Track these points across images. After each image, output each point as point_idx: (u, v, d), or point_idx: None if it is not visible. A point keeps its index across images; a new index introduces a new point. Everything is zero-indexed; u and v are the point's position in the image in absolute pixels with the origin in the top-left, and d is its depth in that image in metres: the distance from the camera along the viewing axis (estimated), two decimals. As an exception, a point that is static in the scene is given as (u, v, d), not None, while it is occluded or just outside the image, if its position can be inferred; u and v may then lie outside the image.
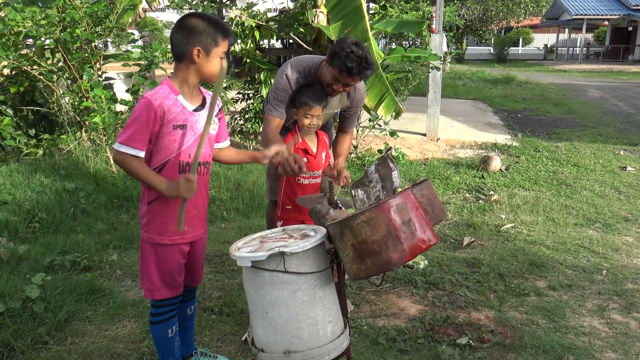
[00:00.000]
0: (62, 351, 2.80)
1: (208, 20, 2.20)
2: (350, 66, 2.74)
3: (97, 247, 4.14)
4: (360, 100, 3.22)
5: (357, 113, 3.32)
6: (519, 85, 17.50)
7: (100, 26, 6.04)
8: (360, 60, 2.74)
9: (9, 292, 3.07)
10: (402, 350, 2.93)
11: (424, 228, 1.96)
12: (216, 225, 4.84)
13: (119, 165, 2.21)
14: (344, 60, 2.74)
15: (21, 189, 5.02)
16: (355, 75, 2.80)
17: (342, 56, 2.74)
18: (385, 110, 6.00)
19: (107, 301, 3.36)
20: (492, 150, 8.17)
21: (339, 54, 2.75)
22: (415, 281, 3.73)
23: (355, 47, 2.75)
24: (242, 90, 7.74)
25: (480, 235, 4.71)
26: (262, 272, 2.05)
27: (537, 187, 6.24)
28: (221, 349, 2.92)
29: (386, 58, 6.66)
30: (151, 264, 2.35)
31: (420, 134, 8.90)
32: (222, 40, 2.21)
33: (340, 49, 2.75)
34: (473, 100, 13.93)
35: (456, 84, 17.39)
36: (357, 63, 2.74)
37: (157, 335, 2.45)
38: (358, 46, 2.77)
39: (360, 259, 1.95)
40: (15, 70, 6.36)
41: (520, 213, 5.28)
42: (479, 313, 3.36)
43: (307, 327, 2.07)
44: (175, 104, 2.23)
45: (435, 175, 6.60)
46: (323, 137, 3.15)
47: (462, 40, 29.00)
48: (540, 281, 3.84)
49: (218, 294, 3.51)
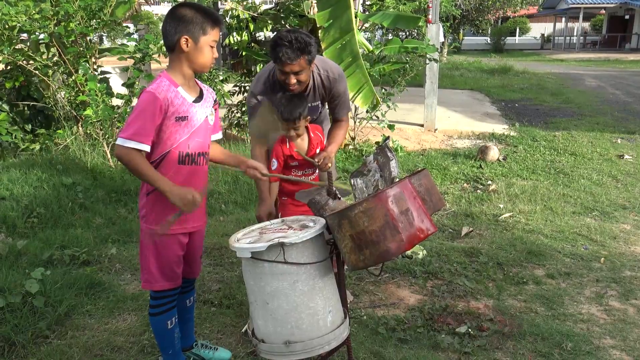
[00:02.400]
0: (62, 345, 2.81)
1: (196, 9, 2.20)
2: (281, 53, 2.64)
3: (96, 241, 4.14)
4: (339, 90, 3.09)
5: (345, 102, 3.18)
6: (516, 75, 17.47)
7: (94, 19, 6.01)
8: (290, 43, 2.63)
9: (9, 287, 3.07)
10: (402, 339, 2.94)
11: (422, 217, 1.97)
12: (215, 218, 4.84)
13: (123, 161, 2.17)
14: (275, 50, 2.67)
15: (19, 184, 5.01)
16: (291, 60, 2.67)
17: (272, 47, 2.68)
18: (363, 101, 5.96)
19: (107, 295, 3.36)
20: (489, 140, 8.17)
21: (272, 48, 2.69)
22: (414, 271, 3.74)
23: (286, 32, 2.67)
24: (238, 83, 7.71)
25: (478, 224, 4.72)
26: (261, 263, 2.05)
27: (534, 176, 6.25)
28: (221, 341, 2.93)
29: (383, 49, 6.64)
30: (150, 255, 2.36)
31: (418, 125, 8.89)
32: (210, 28, 2.21)
33: (272, 41, 2.69)
34: (470, 91, 13.92)
35: (453, 74, 17.35)
36: (287, 47, 2.63)
37: (156, 326, 2.46)
38: (291, 32, 2.68)
39: (359, 249, 1.95)
40: (11, 65, 6.33)
41: (518, 202, 5.29)
42: (477, 302, 3.37)
43: (307, 318, 2.08)
44: (177, 96, 2.23)
45: (433, 166, 6.60)
46: (316, 133, 3.08)
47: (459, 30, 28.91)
48: (538, 269, 3.85)
49: (217, 286, 3.52)
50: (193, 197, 2.20)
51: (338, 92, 3.09)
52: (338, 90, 3.08)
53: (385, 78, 7.09)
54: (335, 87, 3.05)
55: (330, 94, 3.07)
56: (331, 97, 3.09)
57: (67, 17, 5.79)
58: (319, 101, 3.10)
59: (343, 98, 3.15)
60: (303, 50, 2.67)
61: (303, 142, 3.04)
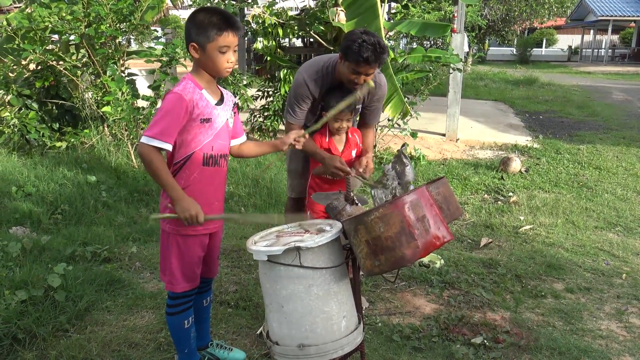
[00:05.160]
0: (81, 339, 2.86)
1: (205, 14, 2.20)
2: (366, 55, 2.71)
3: (117, 239, 4.22)
4: (382, 96, 3.19)
5: (379, 109, 3.28)
6: (542, 87, 17.27)
7: (124, 23, 6.14)
8: (374, 47, 2.71)
9: (32, 280, 3.15)
10: (416, 348, 2.93)
11: (438, 225, 1.97)
12: (234, 221, 4.88)
13: (145, 159, 2.20)
14: (359, 51, 2.71)
15: (44, 182, 5.13)
16: (373, 63, 2.77)
17: (355, 48, 2.72)
18: (393, 111, 5.98)
19: (126, 292, 3.42)
20: (512, 151, 8.10)
21: (351, 47, 2.73)
22: (431, 280, 3.73)
23: (366, 35, 2.74)
24: (262, 87, 7.79)
25: (498, 236, 4.68)
26: (277, 267, 2.07)
27: (557, 189, 6.17)
28: (237, 341, 2.96)
29: (406, 57, 6.64)
30: (172, 257, 2.39)
31: (440, 134, 8.85)
32: (216, 34, 2.18)
33: (352, 41, 2.73)
34: (494, 101, 13.80)
35: (477, 84, 17.24)
36: (372, 50, 2.71)
37: (173, 326, 2.50)
38: (367, 34, 2.75)
39: (374, 255, 1.96)
40: (41, 65, 6.49)
41: (539, 215, 5.23)
42: (494, 313, 3.35)
43: (321, 322, 2.09)
44: (202, 98, 2.27)
45: (453, 176, 6.57)
46: (354, 135, 3.16)
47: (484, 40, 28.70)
48: (557, 283, 3.80)
49: (234, 287, 3.55)
50: (197, 214, 2.21)
51: (380, 97, 3.16)
52: (381, 95, 3.16)
53: (408, 87, 7.08)
54: (379, 92, 3.12)
55: (371, 99, 3.12)
56: (371, 101, 3.14)
57: (98, 20, 5.93)
58: (360, 104, 3.14)
59: (380, 105, 3.23)
60: (383, 55, 2.77)
61: (340, 140, 3.10)
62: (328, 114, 2.71)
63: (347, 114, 2.97)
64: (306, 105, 3.03)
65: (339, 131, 3.05)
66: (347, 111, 2.95)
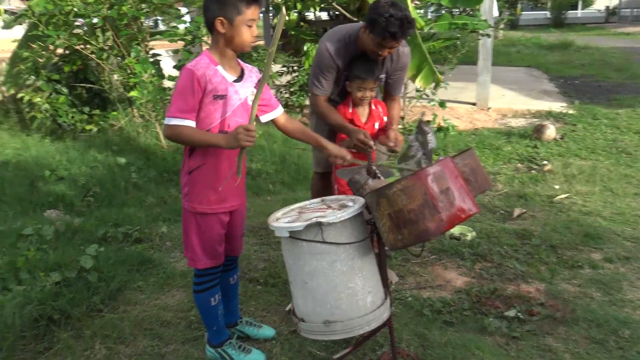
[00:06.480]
0: (115, 318, 2.92)
1: None
2: (393, 31, 2.66)
3: (148, 219, 4.26)
4: (405, 64, 3.12)
5: (403, 78, 3.23)
6: (578, 51, 16.62)
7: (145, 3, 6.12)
8: (401, 22, 2.65)
9: (65, 262, 3.21)
10: (447, 322, 2.88)
11: (463, 197, 1.90)
12: (262, 198, 4.89)
13: (173, 139, 2.23)
14: (386, 26, 2.65)
15: (76, 165, 5.22)
16: (400, 38, 2.72)
17: (382, 22, 2.65)
18: (424, 81, 5.85)
19: (157, 272, 3.46)
20: (546, 118, 7.84)
21: (377, 20, 2.66)
22: (462, 253, 3.65)
23: (393, 8, 2.66)
24: (286, 63, 7.71)
25: (531, 206, 4.54)
26: (300, 243, 2.05)
27: (594, 156, 5.95)
28: (266, 318, 2.96)
29: (433, 25, 6.45)
30: (192, 233, 2.40)
31: (470, 104, 8.63)
32: (245, 7, 2.16)
33: (378, 15, 2.66)
34: (527, 68, 13.36)
35: (509, 51, 16.69)
36: (398, 25, 2.65)
37: (200, 303, 2.51)
38: (395, 7, 2.67)
39: (397, 229, 1.91)
40: (69, 49, 6.55)
41: (575, 183, 5.06)
42: (528, 286, 3.26)
43: (346, 298, 2.06)
44: (216, 74, 2.23)
45: (485, 146, 6.40)
46: (377, 107, 3.09)
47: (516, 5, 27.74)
48: (595, 253, 3.68)
49: (263, 265, 3.55)
50: (243, 128, 2.13)
51: (403, 66, 3.10)
52: (404, 64, 3.10)
53: (435, 55, 6.88)
54: (402, 61, 3.07)
55: (394, 68, 3.06)
56: (394, 71, 3.08)
57: (120, 1, 5.92)
58: (384, 74, 3.08)
59: (403, 74, 3.17)
60: (410, 30, 2.72)
61: (364, 111, 3.05)
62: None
63: (371, 82, 2.91)
64: (331, 75, 2.98)
65: (362, 101, 2.99)
66: (372, 79, 2.89)
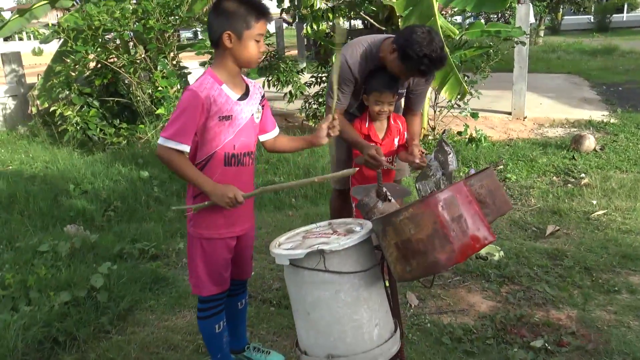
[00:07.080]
0: (121, 341, 2.85)
1: (237, 3, 2.06)
2: (424, 70, 2.60)
3: (166, 235, 4.21)
4: (429, 80, 3.01)
5: (425, 93, 3.12)
6: (622, 56, 15.98)
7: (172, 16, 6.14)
8: (434, 63, 2.57)
9: (76, 281, 3.17)
10: (468, 352, 2.69)
11: (477, 225, 1.73)
12: (284, 213, 4.78)
13: (164, 161, 2.15)
14: (418, 65, 2.57)
15: (100, 179, 5.23)
16: (429, 75, 2.72)
17: (415, 59, 2.54)
18: (450, 92, 5.67)
19: (170, 290, 3.38)
20: (586, 128, 7.49)
21: (411, 56, 2.54)
22: (488, 274, 3.44)
23: (428, 47, 2.51)
24: (315, 73, 7.62)
25: (566, 223, 4.29)
26: (301, 271, 1.91)
27: (636, 168, 5.61)
28: (276, 343, 2.84)
29: (464, 33, 6.25)
30: (198, 259, 2.31)
31: (505, 113, 8.35)
32: (254, 22, 2.07)
33: (413, 51, 2.52)
34: (567, 74, 12.90)
35: (549, 57, 16.19)
36: (431, 67, 2.60)
37: (204, 330, 2.42)
38: (431, 44, 2.52)
39: (405, 260, 1.76)
40: (100, 63, 6.64)
41: (614, 198, 4.76)
42: (559, 312, 3.03)
43: (351, 331, 1.91)
44: (220, 95, 2.14)
45: (519, 157, 6.13)
46: (397, 122, 2.99)
47: (557, 9, 26.97)
48: (634, 276, 3.41)
49: (278, 285, 3.44)
50: (234, 195, 2.12)
51: (427, 80, 2.99)
52: (429, 79, 2.99)
53: (468, 64, 6.67)
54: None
55: (417, 83, 2.96)
56: (416, 85, 2.98)
57: (146, 15, 5.96)
58: (405, 89, 2.98)
59: (426, 88, 3.07)
60: (442, 67, 2.69)
61: (381, 126, 2.94)
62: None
63: (389, 96, 2.79)
64: (349, 88, 2.87)
65: (379, 116, 2.87)
66: (390, 93, 2.78)
